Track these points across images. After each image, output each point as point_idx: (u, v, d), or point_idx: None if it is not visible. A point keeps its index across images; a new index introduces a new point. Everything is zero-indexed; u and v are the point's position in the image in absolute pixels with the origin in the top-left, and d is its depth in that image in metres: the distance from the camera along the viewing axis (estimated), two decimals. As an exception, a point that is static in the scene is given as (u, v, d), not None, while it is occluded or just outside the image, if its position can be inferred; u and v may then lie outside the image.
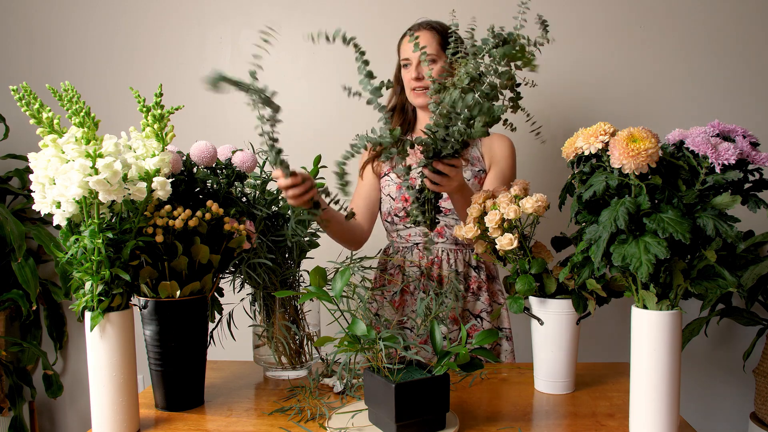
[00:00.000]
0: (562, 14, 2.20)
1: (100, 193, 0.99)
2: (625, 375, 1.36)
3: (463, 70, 1.15)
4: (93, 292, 1.04)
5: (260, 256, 1.31)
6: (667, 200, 0.96)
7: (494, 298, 1.64)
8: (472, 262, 1.62)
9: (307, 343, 1.40)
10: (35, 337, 2.41)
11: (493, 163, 1.61)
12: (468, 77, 1.14)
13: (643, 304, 1.01)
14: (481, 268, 1.63)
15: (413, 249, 1.62)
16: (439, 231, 1.60)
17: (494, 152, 1.63)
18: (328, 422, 1.10)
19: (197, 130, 2.25)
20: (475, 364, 1.07)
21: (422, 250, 1.61)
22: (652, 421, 1.00)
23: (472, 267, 1.61)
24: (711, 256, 0.96)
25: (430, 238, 1.60)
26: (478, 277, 1.61)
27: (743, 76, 2.18)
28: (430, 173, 1.25)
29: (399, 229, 1.65)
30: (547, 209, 1.24)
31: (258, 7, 2.31)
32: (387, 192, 1.65)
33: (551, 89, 2.21)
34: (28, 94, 1.04)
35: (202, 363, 1.23)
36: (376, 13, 2.24)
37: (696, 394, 2.28)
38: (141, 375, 1.96)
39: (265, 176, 1.40)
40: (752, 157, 0.96)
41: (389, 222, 1.66)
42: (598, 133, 1.00)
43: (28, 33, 2.40)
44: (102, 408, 1.06)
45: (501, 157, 1.61)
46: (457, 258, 1.60)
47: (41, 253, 2.43)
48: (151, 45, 2.35)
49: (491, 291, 1.63)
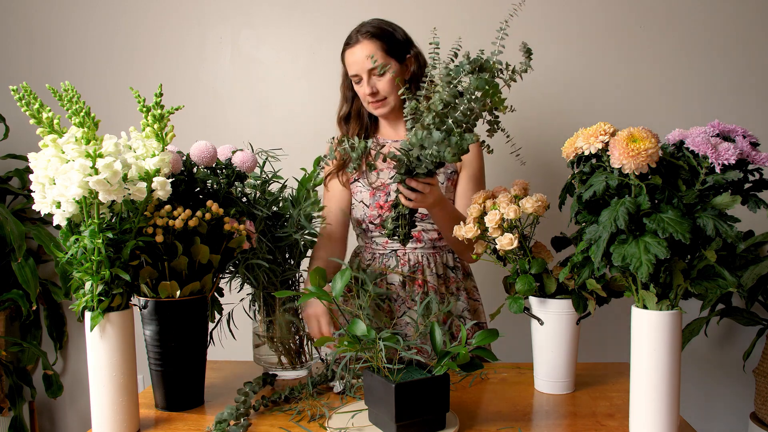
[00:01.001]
0: (562, 14, 2.20)
1: (100, 193, 1.00)
2: (625, 375, 1.36)
3: (437, 97, 1.12)
4: (93, 292, 1.04)
5: (259, 257, 1.31)
6: (667, 200, 0.96)
7: (471, 295, 1.63)
8: (449, 263, 1.60)
9: (307, 343, 1.40)
10: (35, 337, 2.41)
11: (464, 165, 1.58)
12: (441, 103, 1.12)
13: (643, 304, 1.01)
14: (458, 267, 1.61)
15: (392, 256, 1.58)
16: (417, 236, 1.57)
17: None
18: (328, 422, 1.10)
19: (197, 130, 2.25)
20: (475, 364, 1.07)
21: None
22: (652, 421, 1.00)
23: (449, 268, 1.60)
24: (711, 256, 0.96)
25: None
26: (456, 276, 1.60)
27: (743, 76, 2.18)
28: (405, 189, 1.24)
29: (375, 236, 1.60)
30: (547, 209, 1.24)
31: (258, 7, 2.31)
32: (360, 199, 1.58)
33: (551, 89, 2.21)
34: (28, 94, 1.04)
35: (202, 363, 1.23)
36: (376, 13, 2.23)
37: (696, 394, 2.28)
38: (141, 375, 1.97)
39: (265, 176, 1.40)
40: (752, 157, 0.96)
41: (364, 229, 1.61)
42: (598, 133, 1.00)
43: (28, 33, 2.40)
44: (102, 408, 1.06)
45: (471, 158, 1.58)
46: (436, 261, 1.58)
47: (41, 253, 2.43)
48: (151, 45, 2.35)
49: (467, 288, 1.62)
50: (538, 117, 2.19)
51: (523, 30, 2.23)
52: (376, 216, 1.56)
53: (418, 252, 1.57)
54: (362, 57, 1.48)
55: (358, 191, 1.59)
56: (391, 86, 1.49)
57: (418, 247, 1.57)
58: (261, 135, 2.23)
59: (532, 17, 2.20)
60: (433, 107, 1.12)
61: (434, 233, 1.56)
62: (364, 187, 1.58)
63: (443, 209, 1.38)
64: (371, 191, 1.57)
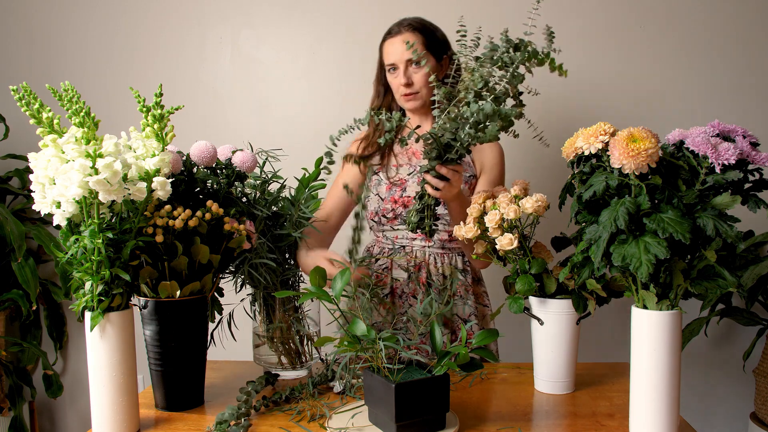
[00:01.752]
0: (563, 14, 2.20)
1: (100, 193, 0.99)
2: (625, 375, 1.36)
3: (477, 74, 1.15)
4: (93, 292, 1.04)
5: (261, 256, 1.31)
6: (667, 200, 0.96)
7: (480, 301, 1.62)
8: (458, 266, 1.60)
9: (307, 343, 1.40)
10: (35, 337, 2.41)
11: (484, 170, 1.59)
12: (482, 81, 1.14)
13: (643, 304, 1.01)
14: (467, 272, 1.61)
15: (399, 251, 1.58)
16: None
17: (485, 159, 1.60)
18: (328, 422, 1.10)
19: (197, 130, 2.25)
20: (475, 364, 1.07)
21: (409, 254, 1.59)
22: (652, 421, 1.00)
23: (458, 270, 1.60)
24: (711, 256, 0.96)
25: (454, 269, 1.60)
26: (465, 280, 1.60)
27: (743, 76, 2.18)
28: (432, 178, 1.24)
29: (386, 230, 1.62)
30: (547, 209, 1.24)
31: (258, 7, 2.31)
32: (376, 191, 1.61)
33: (551, 89, 2.21)
34: (28, 94, 1.04)
35: (202, 363, 1.23)
36: (376, 13, 2.24)
37: (696, 394, 2.28)
38: (141, 375, 1.97)
39: (265, 176, 1.40)
40: (752, 157, 0.96)
41: (376, 222, 1.62)
42: (598, 133, 1.00)
43: (28, 33, 2.40)
44: (102, 408, 1.06)
45: (492, 165, 1.59)
46: (444, 262, 1.59)
47: (41, 253, 2.43)
48: (151, 45, 2.35)
49: (477, 294, 1.62)
50: (538, 117, 2.18)
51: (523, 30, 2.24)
52: (389, 210, 1.58)
53: (426, 250, 1.58)
54: (402, 47, 1.50)
55: (375, 183, 1.61)
56: (425, 81, 1.52)
57: (427, 246, 1.58)
58: (261, 135, 2.23)
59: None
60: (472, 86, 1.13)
61: (444, 234, 1.57)
62: (382, 180, 1.60)
63: (461, 204, 1.38)
64: (388, 185, 1.59)
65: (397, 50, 1.52)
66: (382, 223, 1.61)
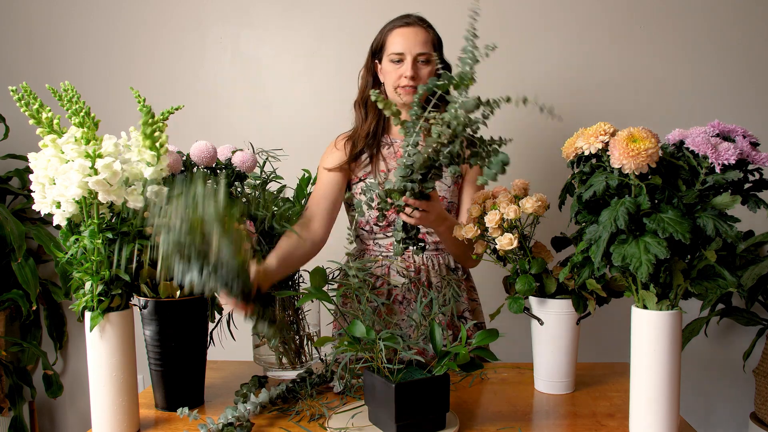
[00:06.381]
0: (563, 14, 2.20)
1: (99, 193, 1.00)
2: (625, 375, 1.36)
3: (436, 131, 1.08)
4: (93, 292, 1.04)
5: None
6: (667, 200, 0.96)
7: (470, 296, 1.62)
8: (451, 264, 1.60)
9: (307, 343, 1.40)
10: (35, 337, 2.41)
11: (469, 169, 1.57)
12: (443, 137, 1.08)
13: (643, 304, 1.01)
14: (459, 268, 1.60)
15: (396, 258, 1.54)
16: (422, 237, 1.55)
17: None
18: (328, 422, 1.10)
19: (197, 130, 2.24)
20: (475, 364, 1.07)
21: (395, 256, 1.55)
22: (652, 421, 1.00)
23: (451, 269, 1.59)
24: (711, 256, 0.96)
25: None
26: (458, 277, 1.59)
27: (743, 76, 2.18)
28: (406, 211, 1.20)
29: (378, 238, 1.57)
30: (547, 209, 1.24)
31: (258, 7, 2.31)
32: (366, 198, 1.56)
33: (551, 89, 2.21)
34: (27, 94, 1.04)
35: (202, 363, 1.23)
36: (375, 14, 2.23)
37: (696, 393, 2.27)
38: (141, 375, 1.97)
39: (265, 176, 1.40)
40: (752, 157, 0.96)
41: (367, 231, 1.57)
42: (598, 133, 1.00)
43: (28, 33, 2.40)
44: (102, 408, 1.06)
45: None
46: (440, 262, 1.58)
47: (41, 253, 2.43)
48: (151, 45, 2.34)
49: (467, 289, 1.62)
50: (538, 116, 2.18)
51: (524, 30, 2.24)
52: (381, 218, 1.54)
53: (422, 255, 1.56)
54: (416, 39, 1.47)
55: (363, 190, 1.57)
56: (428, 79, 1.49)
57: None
58: (261, 135, 2.23)
59: (532, 17, 2.20)
60: (440, 139, 1.09)
61: (437, 236, 1.56)
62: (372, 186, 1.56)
63: (447, 226, 1.35)
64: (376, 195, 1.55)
65: (409, 41, 1.47)
66: (373, 231, 1.56)
